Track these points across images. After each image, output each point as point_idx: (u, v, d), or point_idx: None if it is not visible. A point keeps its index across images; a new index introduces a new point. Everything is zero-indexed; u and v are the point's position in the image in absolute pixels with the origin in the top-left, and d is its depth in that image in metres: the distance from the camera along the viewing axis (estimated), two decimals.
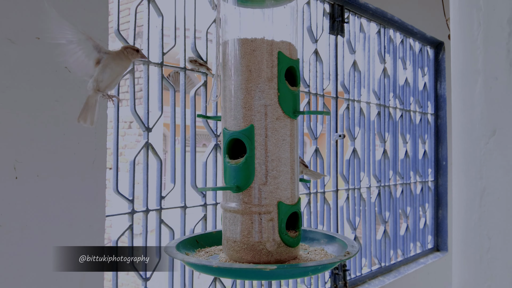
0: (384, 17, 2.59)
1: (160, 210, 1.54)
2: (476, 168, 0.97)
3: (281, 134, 0.88)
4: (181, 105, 1.63)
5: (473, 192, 0.97)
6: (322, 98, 2.19)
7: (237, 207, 0.89)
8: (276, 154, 0.88)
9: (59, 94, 1.18)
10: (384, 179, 2.65)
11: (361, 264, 2.41)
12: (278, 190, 0.88)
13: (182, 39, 1.63)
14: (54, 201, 1.17)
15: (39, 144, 1.15)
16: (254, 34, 0.90)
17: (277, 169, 0.88)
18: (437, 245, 3.13)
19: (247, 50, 0.89)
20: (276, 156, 0.88)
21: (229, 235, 0.90)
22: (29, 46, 1.13)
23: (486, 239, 0.94)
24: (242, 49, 0.90)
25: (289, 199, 0.89)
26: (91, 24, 1.25)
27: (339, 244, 0.96)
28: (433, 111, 3.14)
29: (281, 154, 0.89)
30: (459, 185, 1.03)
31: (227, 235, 0.91)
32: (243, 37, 0.90)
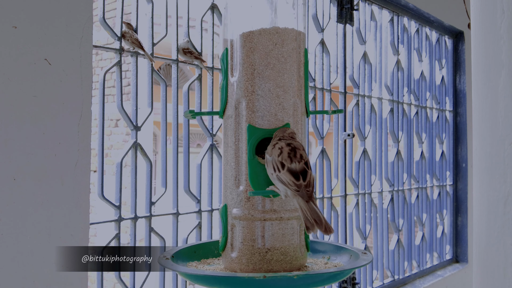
0: (398, 3, 2.59)
1: (150, 217, 1.54)
2: (499, 171, 0.96)
3: (304, 134, 0.95)
4: (173, 101, 1.63)
5: (496, 197, 0.97)
6: (329, 93, 2.19)
7: (274, 214, 0.89)
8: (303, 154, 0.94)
9: (38, 89, 1.18)
10: (397, 183, 2.65)
11: (372, 277, 2.41)
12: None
13: (174, 28, 1.63)
14: (32, 208, 1.17)
15: (15, 145, 1.14)
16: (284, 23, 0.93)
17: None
18: (456, 256, 3.13)
19: (278, 41, 0.91)
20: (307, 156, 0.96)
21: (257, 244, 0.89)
22: (4, 36, 1.13)
23: (510, 249, 0.93)
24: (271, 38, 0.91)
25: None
26: (74, 11, 1.25)
27: (347, 254, 0.96)
28: (452, 107, 3.13)
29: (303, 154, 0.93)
30: (481, 189, 1.03)
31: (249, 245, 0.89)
32: (272, 26, 0.92)
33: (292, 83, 0.92)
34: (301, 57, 0.94)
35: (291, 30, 0.92)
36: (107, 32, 1.44)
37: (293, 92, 0.92)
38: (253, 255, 0.88)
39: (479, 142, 1.04)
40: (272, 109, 0.90)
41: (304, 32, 0.95)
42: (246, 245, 0.89)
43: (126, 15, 1.45)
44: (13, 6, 1.14)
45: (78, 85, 1.25)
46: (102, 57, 6.46)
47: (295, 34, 0.93)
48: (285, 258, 0.89)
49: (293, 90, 0.92)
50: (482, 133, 1.03)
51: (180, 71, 1.84)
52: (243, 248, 0.89)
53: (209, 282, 0.84)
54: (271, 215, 0.88)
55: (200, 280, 0.84)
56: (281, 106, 0.90)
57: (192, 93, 1.70)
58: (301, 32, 0.94)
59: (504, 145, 0.95)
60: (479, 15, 1.04)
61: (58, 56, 1.21)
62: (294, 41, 0.92)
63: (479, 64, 1.04)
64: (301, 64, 0.94)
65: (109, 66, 1.45)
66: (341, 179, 2.29)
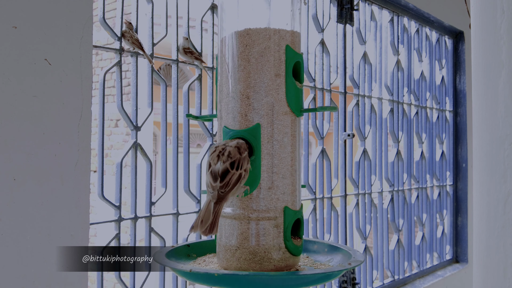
0: (398, 3, 2.59)
1: (150, 217, 1.54)
2: (499, 171, 0.96)
3: (287, 134, 0.92)
4: (173, 101, 1.63)
5: (496, 197, 0.97)
6: (329, 93, 2.19)
7: (241, 212, 0.90)
8: (283, 155, 0.91)
9: (38, 89, 1.18)
10: (397, 183, 2.65)
11: (372, 277, 2.41)
12: (284, 194, 0.91)
13: (174, 28, 1.63)
14: (32, 208, 1.17)
15: (15, 145, 1.14)
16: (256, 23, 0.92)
17: (283, 172, 0.91)
18: (456, 256, 3.13)
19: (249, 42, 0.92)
20: (282, 158, 0.91)
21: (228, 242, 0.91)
22: (4, 36, 1.13)
23: (511, 249, 0.93)
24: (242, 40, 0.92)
25: (294, 205, 0.92)
26: (74, 11, 1.25)
27: (343, 254, 0.97)
28: (452, 107, 3.14)
29: (287, 156, 0.91)
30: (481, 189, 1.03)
31: (223, 243, 0.92)
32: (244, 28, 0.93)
33: (265, 83, 0.91)
34: (280, 55, 0.92)
35: (264, 30, 0.92)
36: (107, 32, 1.44)
37: (266, 92, 0.91)
38: (226, 252, 0.91)
39: (479, 142, 1.04)
40: (242, 110, 0.91)
41: (286, 28, 0.93)
42: (221, 243, 0.93)
43: (126, 15, 1.45)
44: (13, 6, 1.14)
45: (78, 85, 1.25)
46: (102, 57, 6.46)
47: (270, 32, 0.92)
48: (253, 258, 0.90)
49: (266, 90, 0.91)
50: (482, 133, 1.03)
51: (180, 71, 1.84)
52: (220, 245, 0.93)
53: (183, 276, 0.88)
54: (240, 214, 0.90)
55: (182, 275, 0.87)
56: (251, 106, 0.91)
57: (192, 93, 1.70)
58: (280, 29, 0.92)
59: (504, 145, 0.95)
60: (479, 15, 1.04)
61: (58, 56, 1.21)
62: (268, 40, 0.91)
63: (479, 64, 1.03)
64: (280, 62, 0.92)
65: (109, 66, 1.45)
66: (341, 179, 2.29)
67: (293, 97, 0.92)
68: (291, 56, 0.92)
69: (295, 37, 0.94)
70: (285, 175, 0.91)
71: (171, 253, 0.95)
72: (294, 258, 0.92)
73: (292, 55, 0.93)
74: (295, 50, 0.94)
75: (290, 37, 0.93)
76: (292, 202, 0.92)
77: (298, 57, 0.94)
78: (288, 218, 0.91)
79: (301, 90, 0.95)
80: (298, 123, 0.94)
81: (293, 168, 0.92)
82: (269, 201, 0.90)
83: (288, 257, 0.91)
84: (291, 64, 0.92)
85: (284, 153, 0.91)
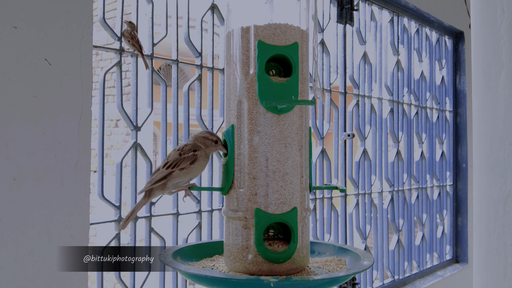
0: (398, 3, 2.59)
1: (150, 217, 1.54)
2: (499, 171, 0.96)
3: (259, 133, 0.88)
4: (173, 101, 1.63)
5: (496, 197, 0.97)
6: (329, 93, 2.19)
7: (224, 210, 0.93)
8: (254, 156, 0.88)
9: (38, 89, 1.18)
10: (397, 183, 2.65)
11: (372, 277, 2.41)
12: (255, 196, 0.88)
13: (174, 28, 1.63)
14: (32, 208, 1.17)
15: (15, 145, 1.14)
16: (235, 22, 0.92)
17: (254, 173, 0.88)
18: (456, 256, 3.13)
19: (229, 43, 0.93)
20: (253, 158, 0.88)
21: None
22: (4, 36, 1.13)
23: (510, 250, 0.93)
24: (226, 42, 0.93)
25: (271, 207, 0.87)
26: (74, 11, 1.25)
27: (351, 256, 0.96)
28: (452, 108, 3.13)
29: (260, 156, 0.88)
30: (481, 189, 1.03)
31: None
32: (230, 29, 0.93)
33: (236, 83, 0.90)
34: (249, 53, 0.89)
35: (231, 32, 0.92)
36: (107, 32, 1.44)
37: (239, 91, 0.90)
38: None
39: (479, 142, 1.04)
40: (226, 113, 0.95)
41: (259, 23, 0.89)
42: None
43: (126, 15, 1.45)
44: (13, 6, 1.14)
45: (78, 85, 1.25)
46: (102, 57, 6.46)
47: (237, 32, 0.91)
48: (229, 257, 0.90)
49: (239, 89, 0.90)
50: (482, 133, 1.03)
51: (180, 71, 1.84)
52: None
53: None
54: (224, 211, 0.94)
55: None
56: (230, 108, 0.92)
57: (192, 93, 1.70)
58: (249, 26, 0.89)
59: (504, 145, 0.95)
60: (479, 15, 1.04)
61: (58, 56, 1.21)
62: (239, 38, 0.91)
63: (479, 64, 1.04)
64: (248, 61, 0.89)
65: (109, 66, 1.45)
66: (341, 179, 2.29)
67: (268, 94, 0.87)
68: (264, 51, 0.88)
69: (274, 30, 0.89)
70: (257, 176, 0.87)
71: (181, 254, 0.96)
72: (270, 265, 0.87)
73: (266, 50, 0.88)
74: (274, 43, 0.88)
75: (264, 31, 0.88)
76: (267, 205, 0.87)
77: (275, 51, 0.88)
78: (259, 220, 0.86)
79: (280, 85, 0.88)
80: (278, 122, 0.88)
81: (270, 169, 0.87)
82: (240, 202, 0.89)
83: (261, 262, 0.86)
84: (264, 59, 0.88)
85: (256, 153, 0.88)
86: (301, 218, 0.90)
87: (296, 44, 0.89)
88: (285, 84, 0.88)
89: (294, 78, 0.89)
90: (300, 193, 0.90)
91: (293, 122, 0.89)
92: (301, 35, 0.91)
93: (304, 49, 0.92)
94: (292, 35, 0.89)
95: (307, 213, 0.92)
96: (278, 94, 0.87)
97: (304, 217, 0.91)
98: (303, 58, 0.91)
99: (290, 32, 0.89)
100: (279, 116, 0.88)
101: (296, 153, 0.89)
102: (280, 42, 0.88)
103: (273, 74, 0.90)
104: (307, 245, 0.92)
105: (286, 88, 0.89)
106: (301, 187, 0.90)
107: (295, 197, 0.89)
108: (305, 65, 0.93)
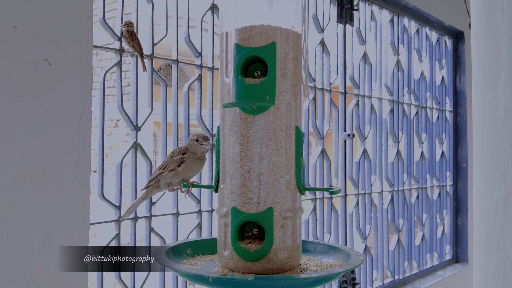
0: (398, 3, 2.59)
1: (150, 217, 1.54)
2: (499, 171, 0.96)
3: (236, 134, 0.90)
4: (173, 101, 1.63)
5: (496, 197, 0.97)
6: (329, 93, 2.19)
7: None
8: (231, 155, 0.90)
9: (38, 89, 1.18)
10: (397, 183, 2.65)
11: (372, 277, 2.41)
12: (232, 194, 0.90)
13: (174, 28, 1.63)
14: (32, 208, 1.17)
15: (16, 145, 1.14)
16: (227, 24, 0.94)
17: (231, 172, 0.90)
18: (456, 256, 3.13)
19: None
20: (231, 158, 0.90)
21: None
22: (4, 36, 1.13)
23: (510, 249, 0.93)
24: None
25: (243, 206, 0.89)
26: (74, 11, 1.25)
27: (341, 254, 0.96)
28: (452, 108, 3.13)
29: (236, 156, 0.89)
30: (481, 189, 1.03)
31: None
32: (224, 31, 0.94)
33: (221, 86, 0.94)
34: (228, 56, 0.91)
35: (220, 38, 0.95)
36: (107, 32, 1.44)
37: (221, 94, 0.94)
38: None
39: (479, 142, 1.04)
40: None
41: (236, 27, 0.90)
42: None
43: (126, 15, 1.45)
44: (13, 6, 1.14)
45: (78, 85, 1.25)
46: (102, 57, 6.46)
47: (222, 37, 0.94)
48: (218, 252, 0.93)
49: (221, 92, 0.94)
50: (482, 133, 1.03)
51: (180, 71, 1.84)
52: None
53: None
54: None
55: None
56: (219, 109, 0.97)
57: (192, 93, 1.70)
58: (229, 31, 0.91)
59: (504, 145, 0.95)
60: (479, 15, 1.04)
61: (58, 56, 1.21)
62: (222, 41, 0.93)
63: (479, 64, 1.04)
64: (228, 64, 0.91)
65: (109, 66, 1.45)
66: (341, 179, 2.29)
67: (242, 96, 0.89)
68: (239, 53, 0.89)
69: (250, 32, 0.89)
70: (234, 175, 0.89)
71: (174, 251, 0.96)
72: (244, 262, 0.88)
73: (241, 52, 0.89)
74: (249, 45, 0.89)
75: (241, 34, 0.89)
76: (242, 203, 0.88)
77: (249, 52, 0.89)
78: (234, 218, 0.88)
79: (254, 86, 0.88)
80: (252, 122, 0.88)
81: (244, 169, 0.88)
82: (222, 199, 0.93)
83: (236, 259, 0.88)
84: (239, 62, 0.89)
85: (233, 153, 0.89)
86: (279, 219, 0.88)
87: (273, 44, 0.88)
88: (258, 85, 0.89)
89: (270, 78, 0.88)
90: (279, 194, 0.88)
91: (270, 122, 0.89)
92: (283, 34, 0.90)
93: (288, 47, 0.90)
94: (269, 35, 0.89)
95: (291, 214, 0.89)
96: (252, 95, 0.88)
97: (285, 218, 0.89)
98: (286, 57, 0.90)
99: (267, 32, 0.89)
100: (254, 117, 0.89)
101: (273, 153, 0.88)
102: (256, 43, 0.89)
103: (258, 76, 0.91)
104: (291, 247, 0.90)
105: (259, 89, 0.89)
106: (279, 187, 0.89)
107: (271, 197, 0.88)
108: (291, 63, 0.90)
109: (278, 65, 0.89)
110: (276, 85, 0.89)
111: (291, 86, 0.91)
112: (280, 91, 0.89)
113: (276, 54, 0.88)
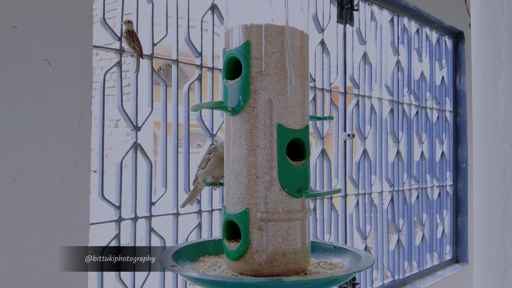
0: (398, 4, 2.59)
1: (150, 217, 1.53)
2: (499, 171, 0.96)
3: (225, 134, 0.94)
4: (173, 101, 1.63)
5: (496, 197, 0.97)
6: (329, 93, 2.19)
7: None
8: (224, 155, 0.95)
9: (38, 89, 1.18)
10: (397, 183, 2.65)
11: (372, 277, 2.41)
12: (224, 193, 0.94)
13: (174, 28, 1.63)
14: (32, 207, 1.17)
15: (16, 144, 1.14)
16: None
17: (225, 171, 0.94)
18: (456, 256, 3.13)
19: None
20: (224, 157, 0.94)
21: None
22: (4, 36, 1.13)
23: (510, 250, 0.93)
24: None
25: (229, 205, 0.91)
26: (74, 11, 1.25)
27: (351, 255, 0.96)
28: (452, 108, 3.13)
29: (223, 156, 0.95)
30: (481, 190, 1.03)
31: None
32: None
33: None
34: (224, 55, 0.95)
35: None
36: (107, 32, 1.44)
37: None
38: None
39: (479, 142, 1.04)
40: None
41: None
42: None
43: (126, 15, 1.45)
44: (13, 6, 1.14)
45: (78, 85, 1.25)
46: (102, 57, 6.46)
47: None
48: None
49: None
50: (482, 133, 1.03)
51: (180, 71, 1.84)
52: None
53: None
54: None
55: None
56: None
57: (192, 93, 1.70)
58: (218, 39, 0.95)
59: (504, 145, 0.95)
60: (479, 15, 1.04)
61: (58, 56, 1.21)
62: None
63: (479, 64, 1.04)
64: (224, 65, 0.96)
65: (109, 66, 1.45)
66: (341, 179, 2.29)
67: (224, 96, 0.92)
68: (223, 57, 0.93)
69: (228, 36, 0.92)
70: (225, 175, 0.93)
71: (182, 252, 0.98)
72: (230, 262, 0.89)
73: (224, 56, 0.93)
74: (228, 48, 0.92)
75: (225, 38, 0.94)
76: (227, 203, 0.92)
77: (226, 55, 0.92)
78: (223, 217, 0.93)
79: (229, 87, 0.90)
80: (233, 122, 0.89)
81: (228, 169, 0.91)
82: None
83: (224, 256, 0.93)
84: (225, 64, 0.92)
85: (224, 153, 0.95)
86: (256, 220, 0.86)
87: (247, 42, 0.88)
88: (232, 86, 0.89)
89: (243, 78, 0.88)
90: (256, 194, 0.87)
91: (245, 122, 0.88)
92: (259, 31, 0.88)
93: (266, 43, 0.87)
94: (244, 34, 0.88)
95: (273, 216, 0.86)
96: (228, 95, 0.90)
97: (263, 220, 0.86)
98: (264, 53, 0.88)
99: (242, 32, 0.89)
100: (233, 117, 0.90)
101: (248, 152, 0.87)
102: (233, 45, 0.90)
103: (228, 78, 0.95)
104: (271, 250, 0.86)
105: (232, 89, 0.89)
106: (256, 188, 0.87)
107: (247, 198, 0.87)
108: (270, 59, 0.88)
109: (253, 63, 0.87)
110: (250, 84, 0.87)
111: (271, 82, 0.88)
112: (256, 89, 0.87)
113: (250, 52, 0.87)
